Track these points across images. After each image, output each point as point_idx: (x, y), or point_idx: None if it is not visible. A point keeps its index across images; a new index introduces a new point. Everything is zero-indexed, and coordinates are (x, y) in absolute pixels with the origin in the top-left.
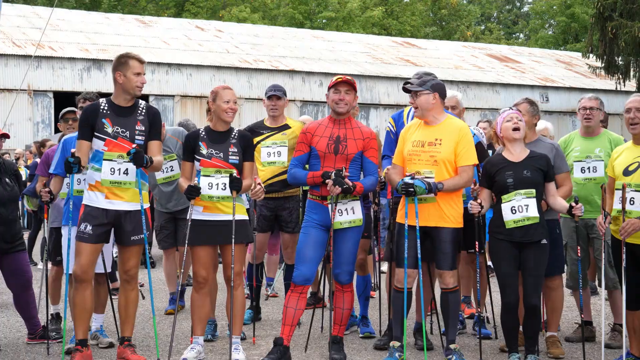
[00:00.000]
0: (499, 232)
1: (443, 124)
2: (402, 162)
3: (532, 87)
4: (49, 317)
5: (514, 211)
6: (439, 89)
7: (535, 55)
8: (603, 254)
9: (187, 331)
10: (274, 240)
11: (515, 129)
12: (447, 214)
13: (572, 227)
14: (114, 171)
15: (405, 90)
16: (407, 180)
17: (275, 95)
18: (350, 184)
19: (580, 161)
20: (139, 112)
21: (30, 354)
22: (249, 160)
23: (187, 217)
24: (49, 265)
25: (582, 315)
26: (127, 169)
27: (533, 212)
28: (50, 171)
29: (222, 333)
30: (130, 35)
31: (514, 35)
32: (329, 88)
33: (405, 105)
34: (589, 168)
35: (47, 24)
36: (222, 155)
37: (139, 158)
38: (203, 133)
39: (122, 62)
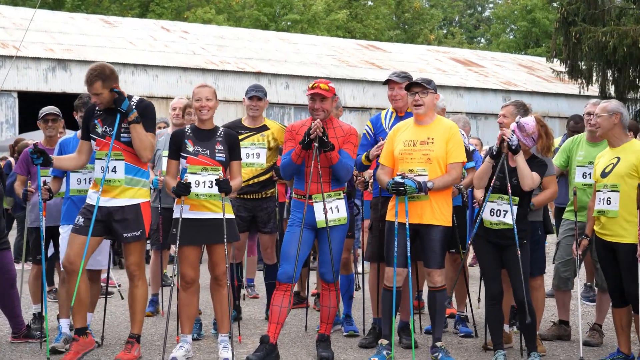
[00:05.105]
0: (479, 228)
1: (434, 124)
2: (391, 163)
3: (495, 91)
4: (32, 316)
5: (492, 213)
6: (436, 90)
7: (497, 60)
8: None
9: (173, 330)
10: (250, 242)
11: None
12: (439, 212)
13: (570, 227)
14: (103, 169)
15: (413, 84)
16: (398, 179)
17: (257, 96)
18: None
19: (583, 166)
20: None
21: (16, 353)
22: (236, 159)
23: (175, 216)
24: (27, 265)
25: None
26: (115, 167)
27: (509, 219)
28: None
29: (207, 332)
30: (95, 35)
31: (475, 40)
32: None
33: (370, 108)
34: (590, 174)
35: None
36: (208, 153)
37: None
38: (189, 131)
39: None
